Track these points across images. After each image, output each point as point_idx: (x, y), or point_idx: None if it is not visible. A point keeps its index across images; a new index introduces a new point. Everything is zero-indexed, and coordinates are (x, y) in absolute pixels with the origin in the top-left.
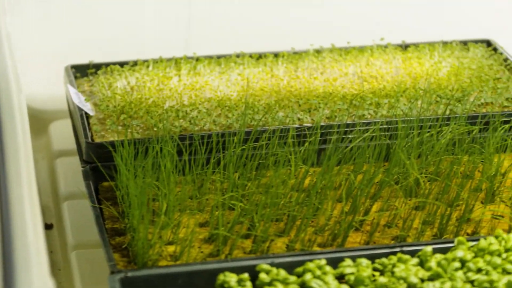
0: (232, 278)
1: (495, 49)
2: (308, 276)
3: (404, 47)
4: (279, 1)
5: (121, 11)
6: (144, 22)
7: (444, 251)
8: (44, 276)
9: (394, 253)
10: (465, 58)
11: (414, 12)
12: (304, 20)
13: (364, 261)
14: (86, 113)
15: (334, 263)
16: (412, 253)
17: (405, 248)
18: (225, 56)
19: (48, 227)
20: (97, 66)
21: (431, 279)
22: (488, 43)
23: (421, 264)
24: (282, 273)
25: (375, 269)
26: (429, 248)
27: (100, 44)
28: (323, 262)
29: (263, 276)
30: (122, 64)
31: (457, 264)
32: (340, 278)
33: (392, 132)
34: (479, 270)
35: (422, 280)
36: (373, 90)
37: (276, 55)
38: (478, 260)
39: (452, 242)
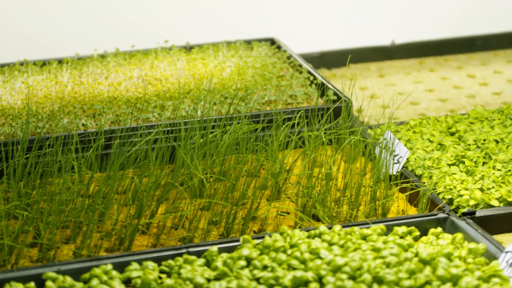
0: None
1: (279, 47)
2: (94, 282)
3: (189, 48)
4: (63, 5)
5: None
6: None
7: (230, 250)
8: None
9: (181, 255)
10: (249, 57)
11: (199, 14)
12: (90, 24)
13: (151, 264)
14: None
15: (121, 267)
16: (199, 254)
17: (191, 249)
18: (8, 65)
19: None
20: None
21: (218, 278)
22: (272, 41)
23: (208, 264)
24: (69, 280)
25: (162, 271)
26: (215, 248)
27: None
28: (110, 267)
29: (49, 284)
30: None
31: (242, 263)
32: (127, 282)
33: (176, 134)
34: (264, 267)
35: (209, 280)
36: (157, 92)
37: (60, 61)
38: (263, 257)
39: (238, 240)
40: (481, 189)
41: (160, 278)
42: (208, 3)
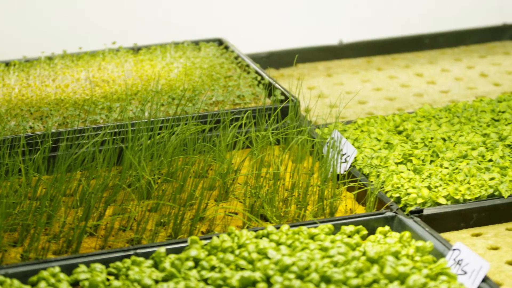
0: None
1: (226, 47)
2: (42, 285)
3: (136, 50)
4: (9, 8)
5: None
6: None
7: (178, 251)
8: None
9: (129, 256)
10: (197, 58)
11: (146, 15)
12: (36, 26)
13: (98, 266)
14: None
15: (69, 269)
16: (147, 255)
17: (139, 251)
18: None
19: None
20: None
21: (166, 280)
22: (220, 42)
23: (156, 265)
24: (16, 283)
25: (110, 273)
26: (162, 249)
27: None
28: (57, 269)
29: None
30: None
31: (190, 263)
32: (75, 284)
33: (124, 135)
34: (212, 268)
35: (157, 282)
36: (105, 94)
37: (7, 64)
38: (211, 258)
39: (186, 241)
40: (429, 187)
41: (108, 280)
42: (155, 3)
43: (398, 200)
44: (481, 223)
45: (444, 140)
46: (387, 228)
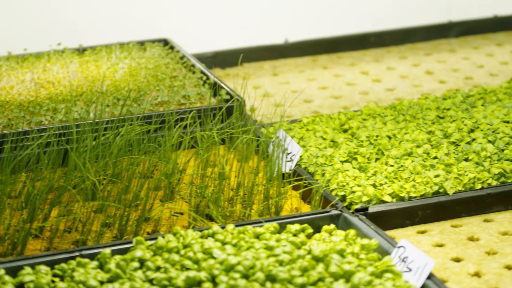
0: None
1: (172, 48)
2: None
3: (82, 51)
4: None
5: None
6: None
7: (123, 252)
8: None
9: (74, 258)
10: (142, 58)
11: (92, 15)
12: None
13: (44, 268)
14: None
15: (14, 272)
16: (92, 256)
17: (84, 252)
18: None
19: None
20: None
21: (111, 281)
22: (165, 42)
23: (101, 266)
24: None
25: (55, 275)
26: (108, 250)
27: None
28: (2, 272)
29: None
30: None
31: (136, 264)
32: (20, 286)
33: (69, 136)
34: (158, 268)
35: (102, 283)
36: (50, 95)
37: None
38: (156, 258)
39: (131, 242)
40: (374, 185)
41: (53, 282)
42: (100, 3)
43: (343, 198)
44: (426, 220)
45: (389, 138)
46: (332, 226)
